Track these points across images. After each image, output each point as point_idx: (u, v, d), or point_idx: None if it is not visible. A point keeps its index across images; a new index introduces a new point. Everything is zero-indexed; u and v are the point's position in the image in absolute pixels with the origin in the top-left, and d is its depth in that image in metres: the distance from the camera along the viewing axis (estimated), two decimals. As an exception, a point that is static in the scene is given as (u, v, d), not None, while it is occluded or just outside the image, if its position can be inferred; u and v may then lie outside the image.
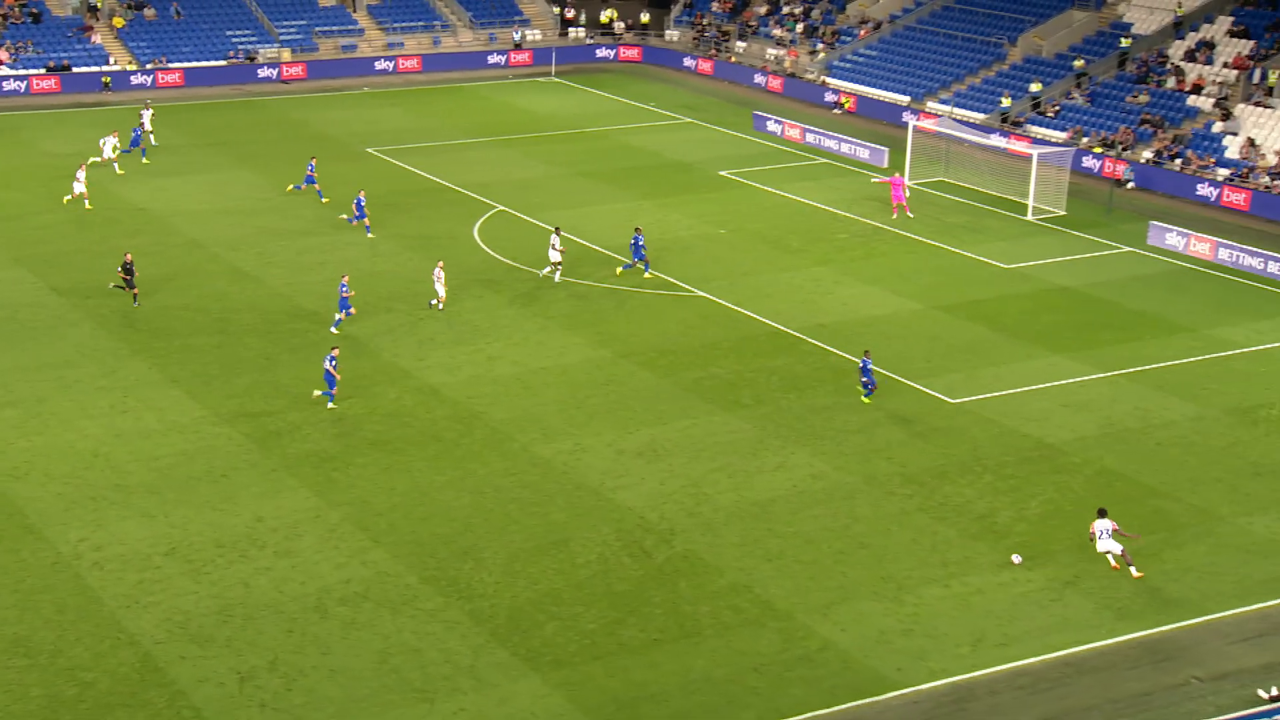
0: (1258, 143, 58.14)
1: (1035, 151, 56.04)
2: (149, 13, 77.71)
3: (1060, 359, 40.42)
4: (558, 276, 45.64)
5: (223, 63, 76.45)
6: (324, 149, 62.81)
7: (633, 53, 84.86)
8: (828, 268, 48.01)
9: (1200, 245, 49.91)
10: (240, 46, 77.48)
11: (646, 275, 46.10)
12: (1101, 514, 29.60)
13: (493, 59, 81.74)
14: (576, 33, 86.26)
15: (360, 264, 47.48)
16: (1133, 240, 51.65)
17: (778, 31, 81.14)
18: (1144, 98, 63.61)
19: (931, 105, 69.05)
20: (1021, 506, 32.03)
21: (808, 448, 34.68)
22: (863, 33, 77.32)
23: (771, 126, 67.01)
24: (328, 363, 36.28)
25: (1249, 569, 29.63)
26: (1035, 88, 66.63)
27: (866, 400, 37.15)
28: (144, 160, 58.68)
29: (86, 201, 52.07)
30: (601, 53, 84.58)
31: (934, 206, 55.07)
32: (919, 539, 30.60)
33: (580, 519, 31.20)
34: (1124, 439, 35.49)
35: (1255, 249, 49.01)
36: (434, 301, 43.13)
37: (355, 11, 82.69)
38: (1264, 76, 61.06)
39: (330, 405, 36.38)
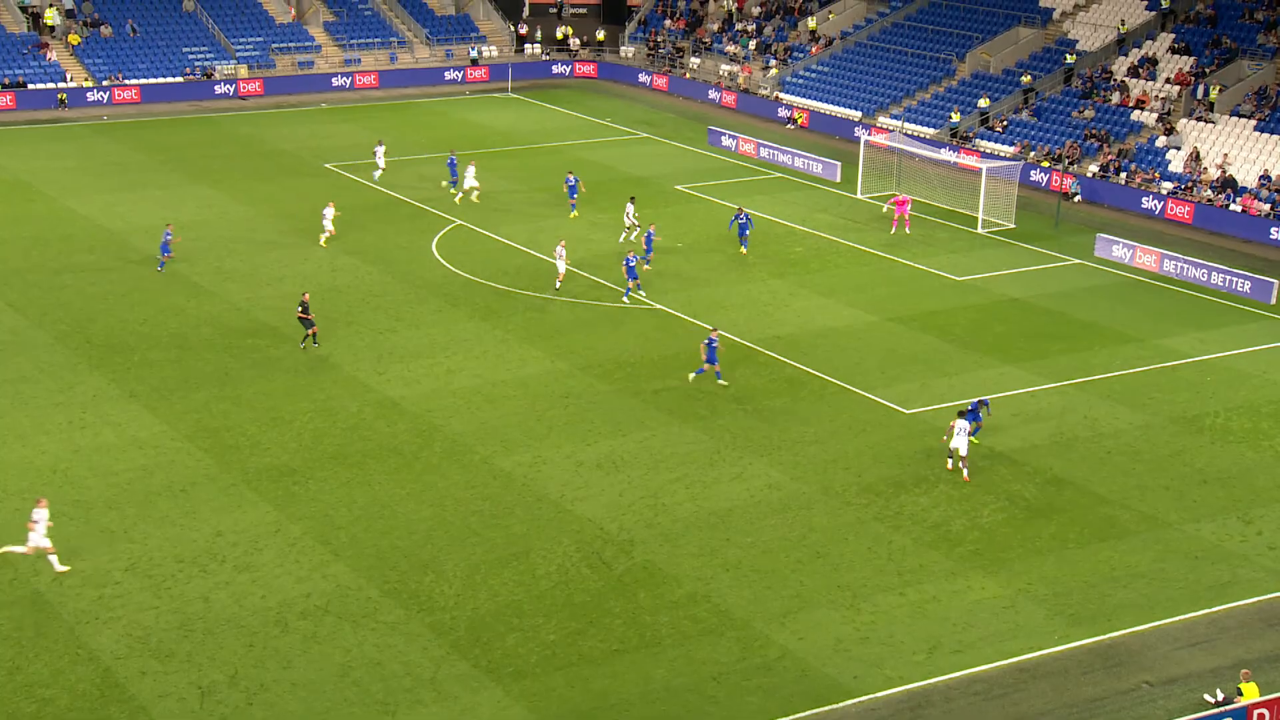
0: (1200, 157, 58.87)
1: (984, 166, 56.51)
2: (105, 30, 77.04)
3: (1011, 369, 40.72)
4: (633, 237, 50.42)
5: (179, 79, 75.91)
6: (281, 165, 62.57)
7: (588, 69, 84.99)
8: (783, 280, 48.17)
9: (1146, 257, 50.45)
10: (197, 63, 76.96)
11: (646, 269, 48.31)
12: (961, 414, 33.87)
13: (449, 75, 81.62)
14: (532, 49, 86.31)
15: (319, 278, 47.25)
16: (1080, 252, 52.15)
17: (731, 48, 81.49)
18: (1089, 113, 64.31)
19: (883, 120, 69.52)
20: (975, 515, 32.20)
21: (765, 458, 34.75)
22: (815, 49, 77.77)
23: (726, 141, 67.24)
24: (707, 345, 38.28)
25: (1196, 574, 29.91)
26: (984, 103, 67.21)
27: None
28: (453, 191, 57.23)
29: (323, 240, 50.45)
30: (557, 69, 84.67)
31: (887, 220, 55.38)
32: (875, 548, 30.70)
33: (540, 531, 31.12)
34: (1074, 447, 35.77)
35: (1199, 260, 49.57)
36: (558, 282, 45.93)
37: (312, 28, 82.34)
38: (1205, 92, 61.87)
39: (691, 378, 38.67)
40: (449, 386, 38.64)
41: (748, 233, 50.44)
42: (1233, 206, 55.74)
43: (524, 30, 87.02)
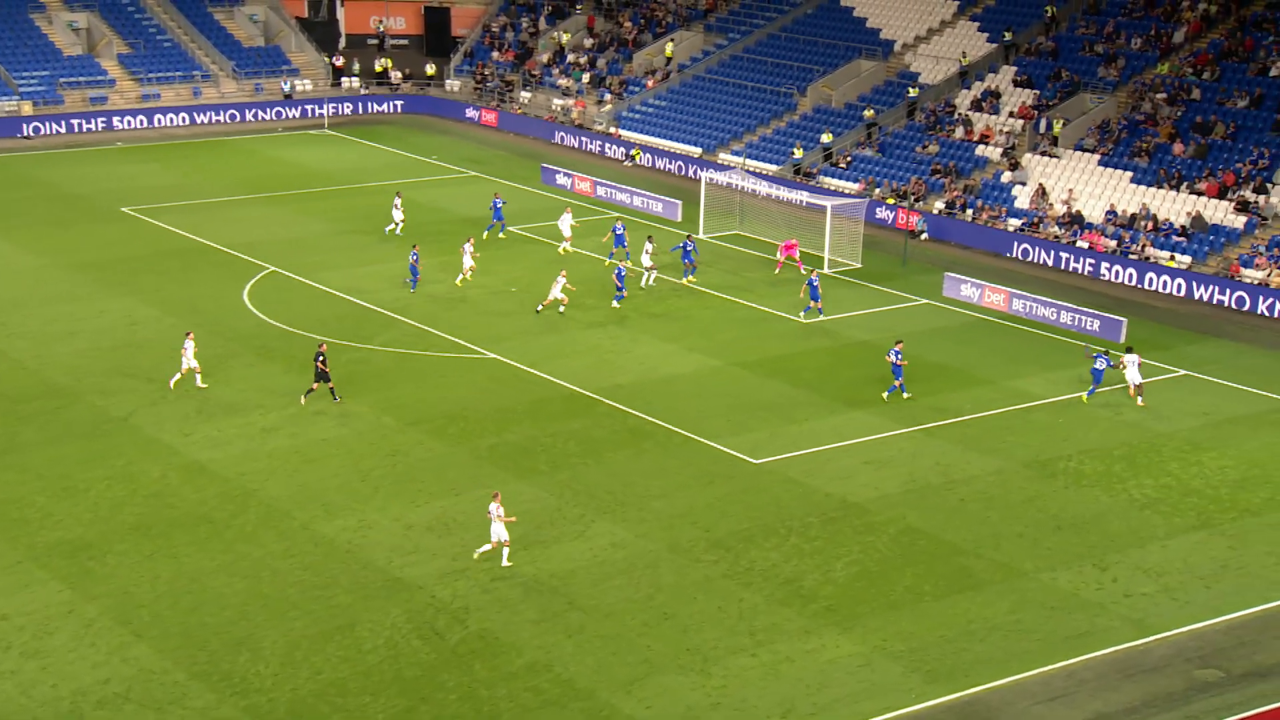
0: (1045, 193, 61.15)
1: (829, 203, 57.74)
2: None
3: (861, 415, 41.56)
4: (653, 279, 52.23)
5: (-44, 115, 73.46)
6: (74, 210, 60.93)
7: (411, 103, 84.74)
8: (624, 325, 48.49)
9: (994, 296, 52.10)
10: (-25, 98, 74.60)
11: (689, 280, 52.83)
12: (1130, 350, 42.95)
13: (260, 111, 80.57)
14: (350, 83, 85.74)
15: (116, 333, 46.02)
16: (928, 292, 53.63)
17: (563, 81, 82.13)
18: (934, 148, 66.40)
19: (724, 157, 70.73)
20: (828, 569, 32.69)
21: (608, 515, 34.79)
22: (651, 83, 78.84)
23: (561, 180, 67.62)
24: (893, 356, 41.90)
25: (1053, 625, 30.78)
26: (826, 138, 68.88)
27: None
28: (501, 235, 57.74)
29: (461, 277, 51.46)
30: (377, 104, 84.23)
31: (730, 261, 56.24)
32: (725, 607, 30.93)
33: (366, 601, 30.61)
34: (927, 495, 36.62)
35: (1048, 299, 51.36)
36: (540, 306, 48.74)
37: (104, 60, 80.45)
38: (1048, 126, 64.43)
39: (906, 395, 42.14)
40: (264, 447, 37.87)
41: (693, 259, 52.85)
42: (1079, 242, 57.98)
43: (340, 62, 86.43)
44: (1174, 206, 58.26)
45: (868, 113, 69.86)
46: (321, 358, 40.29)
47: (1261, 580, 32.75)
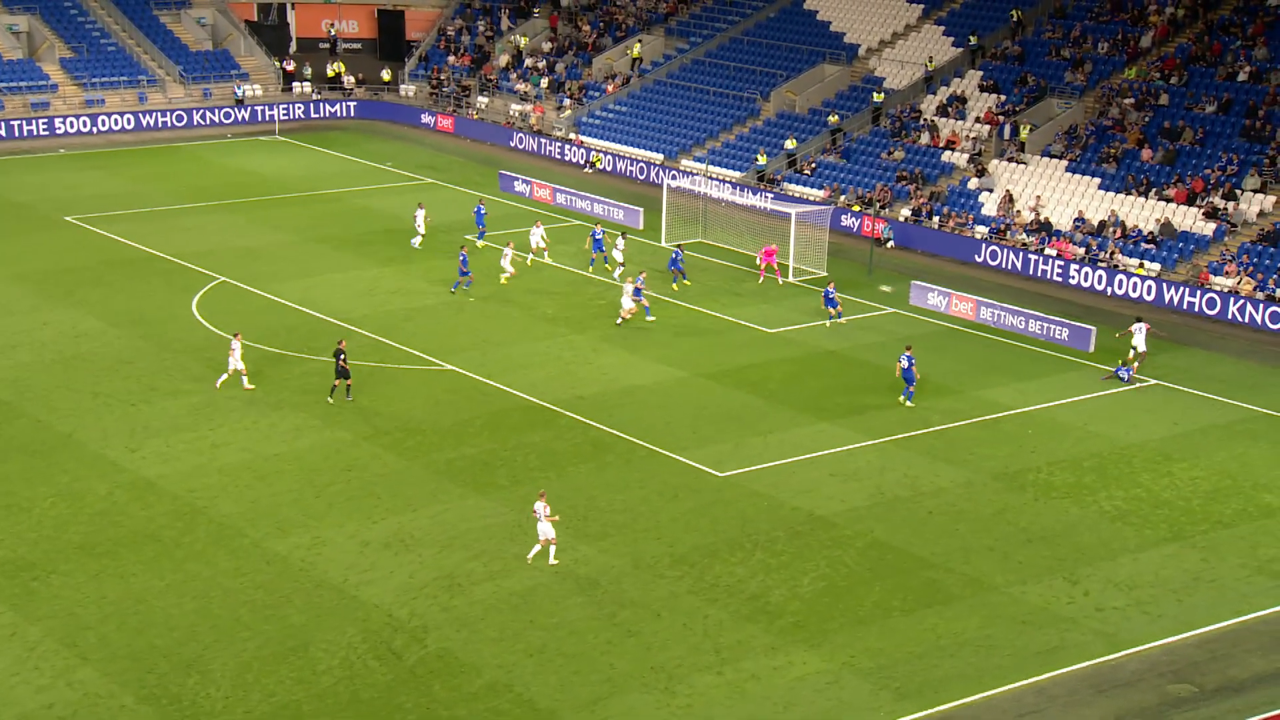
0: (1013, 199, 61.52)
1: (794, 211, 57.89)
2: None
3: (828, 426, 41.66)
4: (618, 274, 53.55)
5: (-107, 120, 72.76)
6: (16, 219, 60.44)
7: (364, 109, 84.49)
8: (585, 335, 48.45)
9: (962, 305, 52.36)
10: (-87, 102, 73.92)
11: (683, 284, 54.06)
12: (1139, 320, 46.84)
13: (209, 117, 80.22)
14: (301, 88, 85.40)
15: (60, 345, 45.64)
16: (895, 301, 53.84)
17: (521, 86, 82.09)
18: (899, 154, 66.72)
19: (686, 163, 70.85)
20: (794, 584, 32.72)
21: (570, 530, 34.71)
22: (611, 88, 78.89)
23: (519, 187, 67.57)
24: (904, 361, 42.81)
25: (1024, 640, 30.90)
26: (790, 144, 69.10)
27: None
28: (479, 244, 57.34)
29: (504, 279, 52.59)
30: (330, 109, 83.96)
31: (693, 269, 56.29)
32: (690, 624, 30.90)
33: (321, 620, 30.42)
34: (894, 508, 36.73)
35: (1015, 307, 51.66)
36: (621, 318, 49.18)
37: (46, 65, 79.84)
38: (1015, 132, 64.85)
39: (909, 404, 42.96)
40: (214, 463, 37.61)
41: (681, 267, 54.01)
42: (1047, 250, 58.36)
43: (291, 67, 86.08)
44: (1142, 213, 58.76)
45: (832, 118, 70.14)
46: (342, 355, 40.91)
47: (1234, 593, 33.02)
